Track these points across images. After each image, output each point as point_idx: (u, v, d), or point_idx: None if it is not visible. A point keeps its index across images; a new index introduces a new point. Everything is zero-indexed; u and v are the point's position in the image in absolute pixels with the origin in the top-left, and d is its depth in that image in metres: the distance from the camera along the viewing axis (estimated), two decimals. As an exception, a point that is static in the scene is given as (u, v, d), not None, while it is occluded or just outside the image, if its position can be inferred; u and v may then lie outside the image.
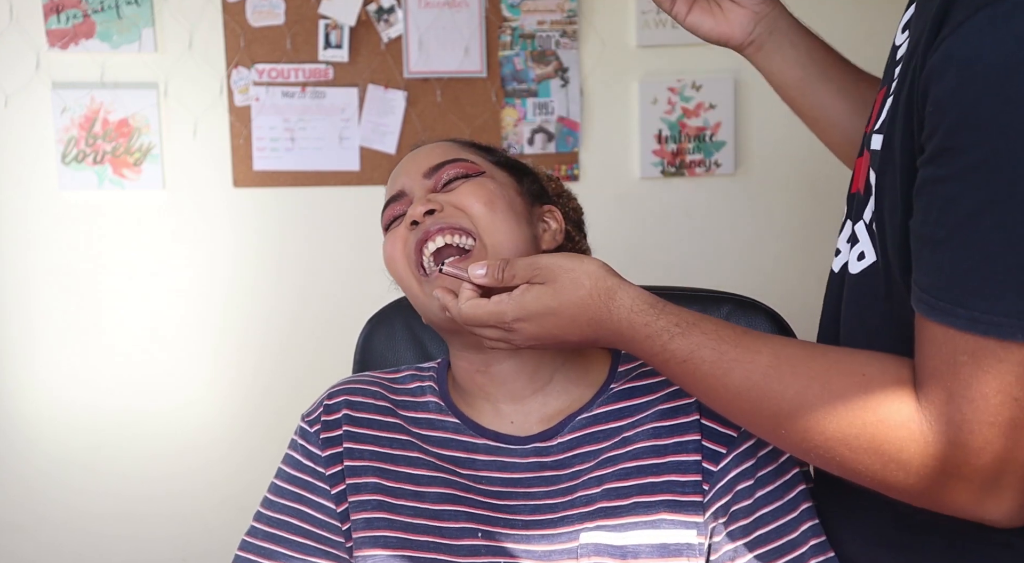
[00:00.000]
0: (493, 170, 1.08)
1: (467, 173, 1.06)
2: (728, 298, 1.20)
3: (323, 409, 1.09)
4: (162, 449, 2.49)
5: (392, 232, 1.07)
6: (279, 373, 2.51)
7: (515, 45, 2.46)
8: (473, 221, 1.02)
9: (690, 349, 0.84)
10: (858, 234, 0.92)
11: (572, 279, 0.89)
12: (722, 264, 2.56)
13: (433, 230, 1.01)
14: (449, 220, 1.02)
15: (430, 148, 1.11)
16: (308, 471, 1.07)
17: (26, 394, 2.47)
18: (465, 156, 1.08)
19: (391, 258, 1.05)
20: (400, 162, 1.12)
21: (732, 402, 0.85)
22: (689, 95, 2.49)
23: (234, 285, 2.50)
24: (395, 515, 1.02)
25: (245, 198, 2.47)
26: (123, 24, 2.38)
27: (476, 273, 0.92)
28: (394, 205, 1.08)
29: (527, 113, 2.46)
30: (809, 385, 0.80)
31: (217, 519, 2.48)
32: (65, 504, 2.48)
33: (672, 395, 1.02)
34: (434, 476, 1.03)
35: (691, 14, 1.10)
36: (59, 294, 2.45)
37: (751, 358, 0.83)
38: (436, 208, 1.02)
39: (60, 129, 2.39)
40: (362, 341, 1.30)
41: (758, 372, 0.82)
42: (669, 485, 0.98)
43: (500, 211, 1.02)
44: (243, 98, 2.43)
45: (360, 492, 1.04)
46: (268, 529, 1.07)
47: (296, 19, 2.41)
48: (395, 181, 1.09)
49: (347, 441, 1.06)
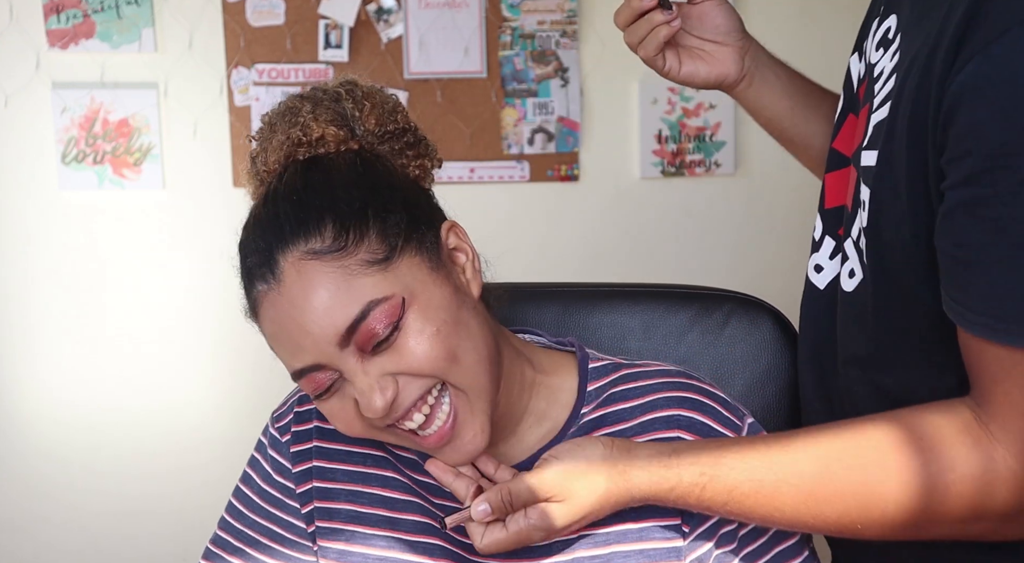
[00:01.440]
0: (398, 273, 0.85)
1: (392, 322, 0.84)
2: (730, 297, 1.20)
3: (294, 416, 1.01)
4: (162, 448, 2.49)
5: (331, 405, 0.89)
6: (277, 372, 2.49)
7: (515, 45, 2.46)
8: (436, 375, 0.86)
9: (727, 491, 0.81)
10: (847, 251, 0.91)
11: (587, 485, 0.84)
12: (722, 264, 2.56)
13: (403, 414, 0.86)
14: (414, 394, 0.86)
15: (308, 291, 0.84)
16: (278, 486, 0.99)
17: (26, 394, 2.47)
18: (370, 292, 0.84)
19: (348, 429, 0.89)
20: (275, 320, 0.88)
21: (794, 519, 0.81)
22: (689, 95, 2.49)
23: (233, 285, 2.48)
24: (368, 547, 0.94)
25: (245, 198, 2.45)
26: (123, 24, 2.38)
27: (479, 511, 0.85)
28: (314, 377, 0.87)
29: (527, 113, 2.46)
30: (868, 476, 0.77)
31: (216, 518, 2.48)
32: (65, 503, 2.48)
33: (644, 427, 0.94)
34: (409, 500, 0.95)
35: (684, 66, 1.09)
36: (59, 294, 2.45)
37: (793, 474, 0.79)
38: (393, 394, 0.85)
39: (60, 129, 2.39)
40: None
41: (807, 485, 0.78)
42: (648, 531, 0.91)
43: (457, 346, 0.86)
44: (243, 98, 2.43)
45: (332, 518, 0.96)
46: (235, 543, 1.01)
47: (296, 19, 2.41)
48: (296, 352, 0.87)
49: (318, 458, 0.97)
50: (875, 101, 0.85)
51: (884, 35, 0.88)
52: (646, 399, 0.96)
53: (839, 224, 0.98)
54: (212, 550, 1.02)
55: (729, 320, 1.16)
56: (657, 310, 1.20)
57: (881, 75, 0.86)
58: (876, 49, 0.89)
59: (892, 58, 0.85)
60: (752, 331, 1.15)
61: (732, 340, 1.16)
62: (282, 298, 0.87)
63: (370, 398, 0.84)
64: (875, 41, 0.91)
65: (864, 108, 0.89)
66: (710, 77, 1.10)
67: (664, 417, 0.94)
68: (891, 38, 0.87)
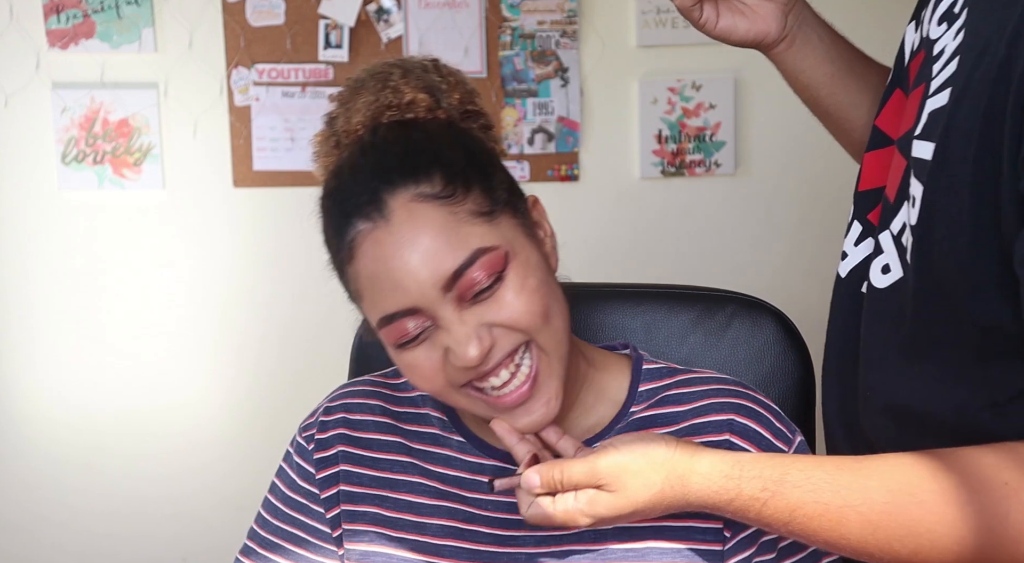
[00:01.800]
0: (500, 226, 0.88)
1: (497, 272, 0.85)
2: (732, 298, 1.19)
3: (319, 426, 1.01)
4: (161, 448, 2.49)
5: (415, 354, 0.87)
6: (278, 372, 2.50)
7: (515, 45, 2.46)
8: (527, 333, 0.87)
9: (789, 510, 0.77)
10: (883, 244, 0.84)
11: (642, 482, 0.81)
12: (722, 264, 2.56)
13: (490, 366, 0.86)
14: (505, 348, 0.86)
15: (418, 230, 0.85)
16: (303, 492, 1.01)
17: (26, 394, 2.47)
18: (478, 240, 0.85)
19: (425, 383, 0.89)
20: (378, 255, 0.86)
21: (859, 549, 0.77)
22: (689, 95, 2.49)
23: (233, 285, 2.49)
24: (394, 549, 0.95)
25: (245, 198, 2.47)
26: (123, 24, 2.38)
27: (529, 482, 0.83)
28: (405, 322, 0.86)
29: (527, 113, 2.46)
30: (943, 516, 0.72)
31: (216, 518, 2.48)
32: (65, 504, 2.48)
33: (695, 429, 0.94)
34: (437, 505, 0.96)
35: (722, 19, 1.02)
36: (59, 294, 2.45)
37: (861, 501, 0.75)
38: (489, 344, 0.85)
39: (60, 129, 2.39)
40: (358, 340, 1.29)
41: (875, 513, 0.74)
42: (688, 531, 0.91)
43: (550, 306, 0.88)
44: (243, 98, 2.43)
45: (357, 521, 0.97)
46: (262, 551, 1.01)
47: (296, 19, 2.41)
48: (393, 290, 0.85)
49: (344, 463, 0.98)
50: (932, 84, 0.78)
51: (949, 7, 0.80)
52: (699, 403, 0.96)
53: (870, 208, 0.91)
54: (241, 560, 1.03)
55: (732, 321, 1.16)
56: (659, 311, 1.20)
57: (942, 54, 0.78)
58: (938, 22, 0.81)
59: (956, 36, 0.77)
60: (755, 333, 1.15)
61: (735, 342, 1.16)
62: (389, 237, 0.86)
63: (466, 347, 0.84)
64: (937, 12, 0.82)
65: (918, 89, 0.81)
66: (748, 34, 1.02)
67: (716, 421, 0.94)
68: (956, 12, 0.79)
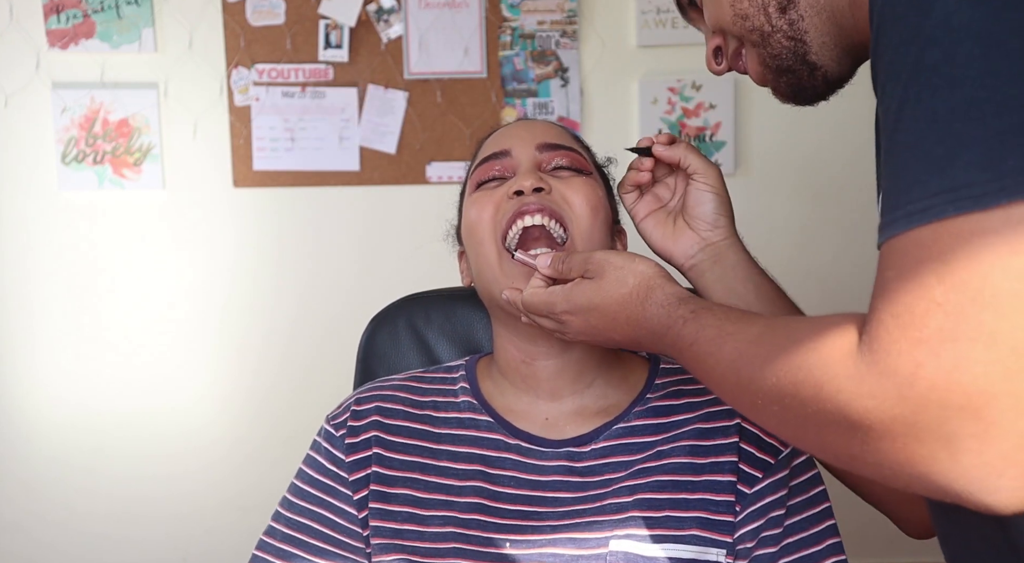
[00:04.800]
0: (596, 177, 1.07)
1: (580, 169, 1.05)
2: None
3: (350, 414, 1.07)
4: (162, 449, 2.50)
5: (483, 193, 1.04)
6: (279, 373, 2.51)
7: (515, 45, 2.46)
8: (575, 219, 1.01)
9: (696, 331, 0.81)
10: None
11: (618, 277, 0.89)
12: (722, 264, 2.56)
13: (534, 207, 0.99)
14: (553, 205, 1.00)
15: (546, 124, 1.09)
16: (331, 475, 1.05)
17: (26, 394, 2.47)
18: (580, 150, 1.07)
19: (477, 221, 1.03)
20: (508, 125, 1.09)
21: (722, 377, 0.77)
22: (689, 95, 2.49)
23: (234, 285, 2.50)
24: (424, 526, 1.00)
25: (245, 198, 2.47)
26: (123, 24, 2.38)
27: (542, 259, 0.95)
28: (493, 163, 1.06)
29: (527, 113, 2.46)
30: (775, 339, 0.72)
31: (217, 519, 2.49)
32: (65, 504, 2.48)
33: (710, 416, 1.01)
34: (464, 485, 1.01)
35: (645, 221, 1.09)
36: (59, 294, 2.45)
37: (745, 328, 0.76)
38: (545, 188, 1.01)
39: (60, 129, 2.39)
40: (364, 340, 1.29)
41: (745, 341, 0.75)
42: (703, 503, 0.96)
43: (600, 219, 1.02)
44: (243, 98, 2.43)
45: (390, 502, 1.02)
46: (287, 531, 1.05)
47: (296, 19, 2.41)
48: (501, 139, 1.07)
49: (377, 447, 1.04)
50: None
51: None
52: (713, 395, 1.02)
53: None
54: (265, 540, 1.06)
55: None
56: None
57: None
58: None
59: None
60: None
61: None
62: (522, 121, 1.12)
63: (527, 176, 1.01)
64: None
65: None
66: (656, 247, 1.09)
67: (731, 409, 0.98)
68: None
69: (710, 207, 1.07)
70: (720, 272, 1.06)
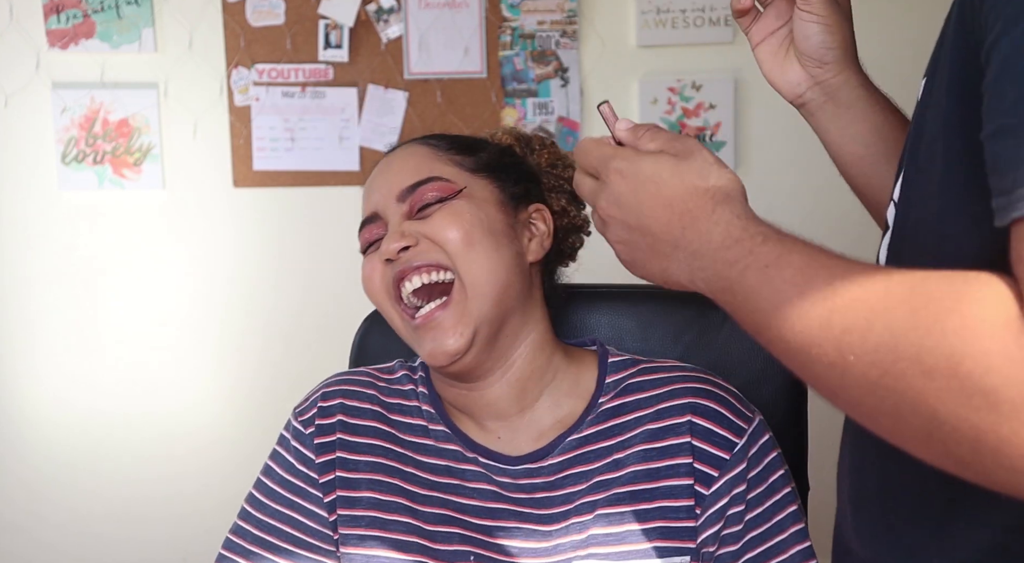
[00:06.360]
0: (472, 181, 1.04)
1: (442, 196, 1.02)
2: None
3: (318, 410, 1.06)
4: (162, 450, 2.49)
5: (369, 257, 1.05)
6: (279, 373, 2.50)
7: (515, 45, 2.46)
8: (449, 256, 0.99)
9: (777, 252, 0.68)
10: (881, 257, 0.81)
11: (702, 170, 0.75)
12: (722, 264, 2.56)
13: (409, 269, 1.00)
14: (425, 257, 1.00)
15: (404, 157, 1.06)
16: (302, 477, 1.04)
17: (26, 395, 2.47)
18: (440, 172, 1.03)
19: (369, 286, 1.05)
20: (372, 174, 1.08)
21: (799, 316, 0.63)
22: (689, 95, 2.49)
23: (234, 285, 2.50)
24: (388, 532, 1.00)
25: (245, 198, 2.47)
26: (123, 24, 2.38)
27: (621, 126, 0.80)
28: (370, 227, 1.06)
29: (527, 113, 2.46)
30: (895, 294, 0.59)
31: (217, 520, 2.48)
32: (65, 505, 2.48)
33: (659, 414, 1.00)
34: (429, 495, 1.01)
35: (759, 47, 0.97)
36: (59, 294, 2.45)
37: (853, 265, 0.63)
38: (411, 243, 1.00)
39: (60, 129, 2.39)
40: (358, 339, 1.30)
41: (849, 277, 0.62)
42: (662, 511, 0.96)
43: (476, 242, 1.00)
44: (243, 98, 2.43)
45: (354, 506, 1.01)
46: (257, 532, 1.04)
47: (296, 19, 2.41)
48: (368, 199, 1.06)
49: (341, 450, 1.03)
50: None
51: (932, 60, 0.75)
52: (663, 389, 1.02)
53: None
54: (233, 540, 1.05)
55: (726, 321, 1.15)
56: (655, 311, 1.20)
57: None
58: None
59: None
60: (749, 332, 1.15)
61: (729, 341, 1.16)
62: (385, 161, 1.08)
63: (390, 240, 1.00)
64: None
65: None
66: (767, 76, 0.98)
67: (680, 405, 1.00)
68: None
69: (815, 41, 0.92)
70: (832, 111, 0.95)
